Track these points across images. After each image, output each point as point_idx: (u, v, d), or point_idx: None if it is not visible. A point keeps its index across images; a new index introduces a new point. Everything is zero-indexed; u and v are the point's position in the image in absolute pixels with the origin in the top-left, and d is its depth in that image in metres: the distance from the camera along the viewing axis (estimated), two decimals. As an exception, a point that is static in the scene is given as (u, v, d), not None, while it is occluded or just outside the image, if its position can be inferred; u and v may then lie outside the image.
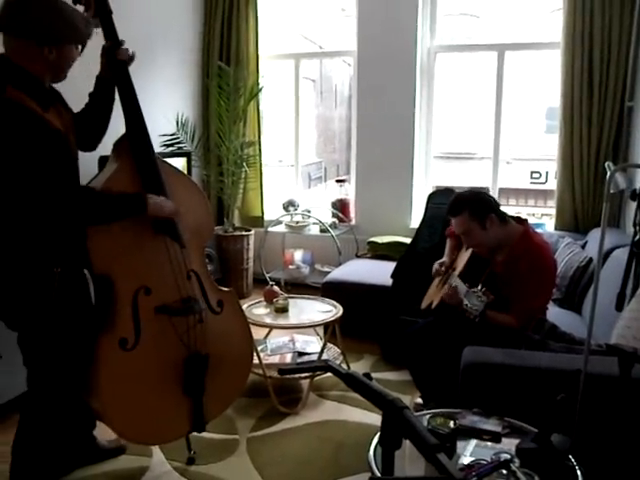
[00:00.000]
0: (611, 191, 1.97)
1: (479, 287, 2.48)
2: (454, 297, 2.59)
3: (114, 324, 2.21)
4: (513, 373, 2.25)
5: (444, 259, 3.04)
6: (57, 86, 2.16)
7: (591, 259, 3.49)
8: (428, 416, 1.96)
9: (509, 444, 1.91)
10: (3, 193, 1.94)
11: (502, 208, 2.79)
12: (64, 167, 2.03)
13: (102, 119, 2.37)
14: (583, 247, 3.77)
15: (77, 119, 2.27)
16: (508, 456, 1.80)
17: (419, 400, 3.05)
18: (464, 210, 2.65)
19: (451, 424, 1.87)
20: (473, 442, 1.94)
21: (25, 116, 1.88)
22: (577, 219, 4.36)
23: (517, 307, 2.58)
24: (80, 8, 2.21)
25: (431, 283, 3.13)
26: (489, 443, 1.94)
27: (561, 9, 4.23)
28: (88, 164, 2.71)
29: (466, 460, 1.82)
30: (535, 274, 2.56)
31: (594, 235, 3.84)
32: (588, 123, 4.19)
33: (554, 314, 2.98)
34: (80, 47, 2.08)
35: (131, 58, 2.34)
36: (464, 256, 2.89)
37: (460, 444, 1.90)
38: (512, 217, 2.77)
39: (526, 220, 2.76)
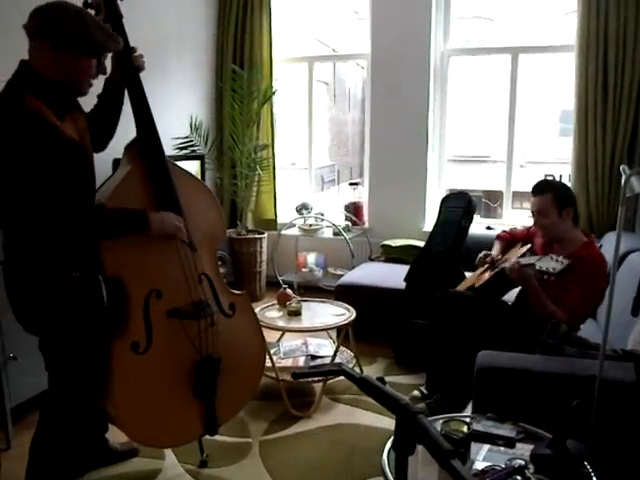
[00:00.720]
0: (627, 195, 1.95)
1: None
2: (519, 270, 2.68)
3: (126, 328, 2.22)
4: (527, 378, 2.23)
5: (492, 252, 3.12)
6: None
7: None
8: (442, 421, 1.95)
9: (523, 450, 1.89)
10: (14, 203, 1.95)
11: (516, 212, 2.84)
12: (77, 176, 2.04)
13: (111, 121, 2.39)
14: (598, 251, 3.73)
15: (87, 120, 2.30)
16: (522, 462, 1.78)
17: (416, 393, 3.07)
18: (549, 192, 2.76)
19: (465, 429, 1.85)
20: (487, 447, 1.93)
21: (41, 127, 1.88)
22: (591, 222, 4.32)
23: (571, 305, 2.64)
24: (91, 12, 2.23)
25: (464, 278, 3.26)
26: (503, 448, 1.93)
27: (575, 11, 4.20)
28: (102, 166, 2.72)
29: (480, 466, 1.81)
30: (595, 279, 2.63)
31: (609, 239, 3.80)
32: (603, 126, 4.16)
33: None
34: (96, 62, 2.07)
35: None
36: (518, 251, 2.97)
37: (474, 449, 1.89)
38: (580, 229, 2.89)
39: (590, 234, 2.88)
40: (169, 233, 2.23)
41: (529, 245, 2.95)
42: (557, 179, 2.98)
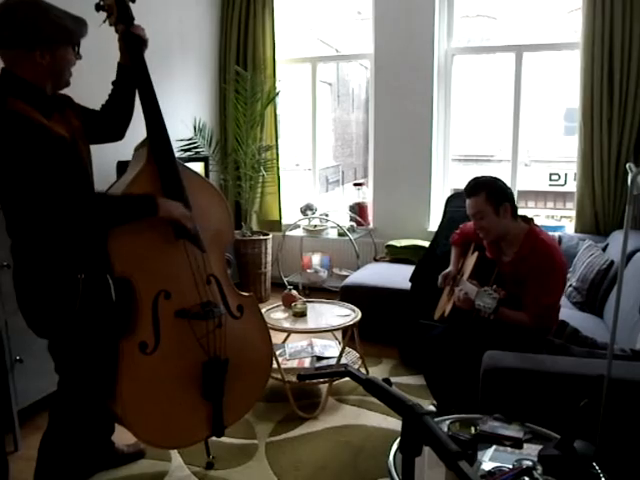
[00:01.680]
0: (634, 193, 1.94)
1: (490, 286, 2.48)
2: (466, 301, 2.59)
3: (134, 328, 2.22)
4: (534, 378, 2.22)
5: (449, 269, 3.01)
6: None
7: (612, 262, 3.44)
8: (448, 422, 1.94)
9: (531, 450, 1.88)
10: (14, 204, 1.96)
11: (521, 211, 2.76)
12: (72, 173, 2.03)
13: (125, 106, 2.38)
14: (604, 250, 3.72)
15: (103, 110, 2.32)
16: (530, 463, 1.77)
17: (431, 407, 3.02)
18: (481, 192, 2.63)
19: (472, 430, 1.85)
20: (493, 448, 1.92)
21: (27, 126, 1.88)
22: (598, 221, 4.31)
23: (530, 305, 2.55)
24: (102, 15, 2.24)
25: (441, 294, 3.11)
26: (510, 449, 1.92)
27: (580, 9, 4.19)
28: (106, 168, 2.73)
29: (487, 466, 1.80)
30: (544, 272, 2.53)
31: (615, 237, 3.79)
32: (608, 124, 4.14)
33: (575, 318, 2.94)
34: (75, 48, 2.05)
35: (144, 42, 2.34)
36: (470, 261, 2.88)
37: (481, 450, 1.88)
38: (519, 216, 2.74)
39: (532, 219, 2.72)
40: (176, 218, 2.22)
41: (476, 254, 2.82)
42: (489, 175, 2.82)
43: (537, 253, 2.56)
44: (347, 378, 2.79)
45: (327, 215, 5.38)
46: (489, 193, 2.62)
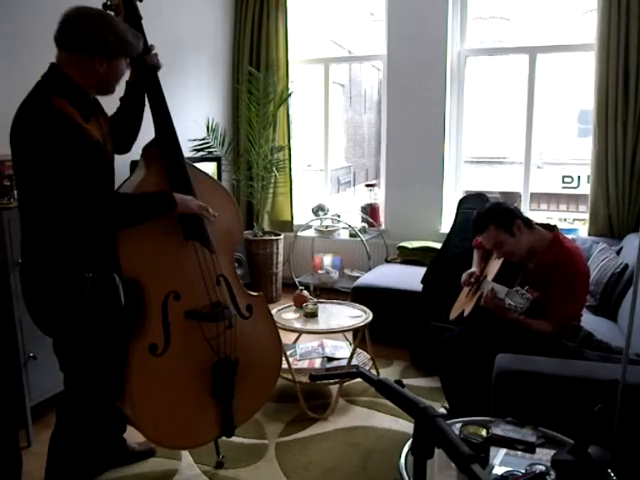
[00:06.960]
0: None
1: (520, 287, 2.47)
2: (492, 300, 2.58)
3: (144, 329, 2.22)
4: (548, 382, 2.20)
5: (473, 269, 2.99)
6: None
7: (627, 265, 3.41)
8: (460, 424, 1.93)
9: (544, 455, 1.86)
10: (38, 200, 1.97)
11: (534, 213, 2.74)
12: (100, 176, 2.06)
13: (134, 123, 2.40)
14: (618, 253, 3.69)
15: (110, 123, 2.31)
16: (543, 468, 1.75)
17: (442, 410, 3.00)
18: (489, 224, 2.62)
19: (484, 433, 1.83)
20: (503, 451, 1.90)
21: (68, 127, 1.90)
22: (611, 224, 4.27)
23: (552, 314, 2.53)
24: (110, 13, 2.24)
25: (459, 293, 3.09)
26: (520, 453, 1.90)
27: (594, 10, 4.16)
28: (120, 168, 2.73)
29: (499, 471, 1.78)
30: (568, 280, 2.52)
31: (630, 240, 3.76)
32: (623, 126, 4.10)
33: (589, 322, 2.91)
34: (129, 60, 2.12)
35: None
36: (495, 264, 2.85)
37: (493, 454, 1.86)
38: (542, 224, 2.72)
39: (555, 226, 2.70)
40: (194, 212, 2.24)
41: (502, 258, 2.79)
42: (490, 203, 2.77)
43: (561, 261, 2.55)
44: (358, 379, 2.78)
45: (339, 216, 5.38)
46: (496, 222, 2.60)
